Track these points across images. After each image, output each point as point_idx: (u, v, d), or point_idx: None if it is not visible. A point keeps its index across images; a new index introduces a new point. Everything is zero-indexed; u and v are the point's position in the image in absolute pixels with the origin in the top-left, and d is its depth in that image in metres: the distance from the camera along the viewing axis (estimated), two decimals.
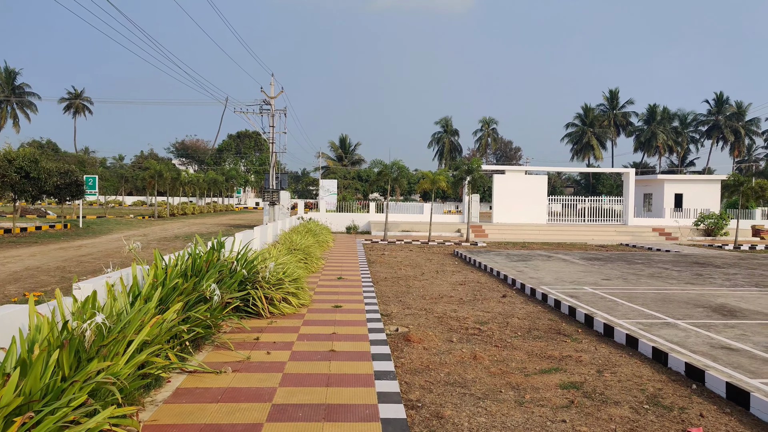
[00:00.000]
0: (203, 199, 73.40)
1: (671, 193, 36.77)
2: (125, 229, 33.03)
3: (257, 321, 8.68)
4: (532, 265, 16.35)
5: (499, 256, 19.04)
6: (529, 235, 28.91)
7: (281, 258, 11.43)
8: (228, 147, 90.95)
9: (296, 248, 14.54)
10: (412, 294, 11.74)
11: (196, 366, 6.21)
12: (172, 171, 47.87)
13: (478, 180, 25.12)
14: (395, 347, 7.55)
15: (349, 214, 32.23)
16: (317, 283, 12.49)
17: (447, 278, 14.15)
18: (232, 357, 6.77)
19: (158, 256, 7.45)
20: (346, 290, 11.64)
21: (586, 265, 16.34)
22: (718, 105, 78.08)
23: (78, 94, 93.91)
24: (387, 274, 14.77)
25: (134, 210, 59.47)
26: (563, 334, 8.37)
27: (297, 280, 10.10)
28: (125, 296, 6.04)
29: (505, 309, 10.28)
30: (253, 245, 14.64)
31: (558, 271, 14.83)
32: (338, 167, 78.22)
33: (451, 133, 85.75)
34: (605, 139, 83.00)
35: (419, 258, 18.84)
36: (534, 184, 32.15)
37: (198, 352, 6.94)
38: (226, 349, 7.07)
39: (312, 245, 16.05)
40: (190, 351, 6.70)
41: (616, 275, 14.25)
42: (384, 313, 9.75)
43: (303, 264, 14.04)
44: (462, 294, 11.84)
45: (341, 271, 14.69)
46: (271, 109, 34.64)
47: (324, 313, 9.37)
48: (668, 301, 10.55)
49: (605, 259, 18.54)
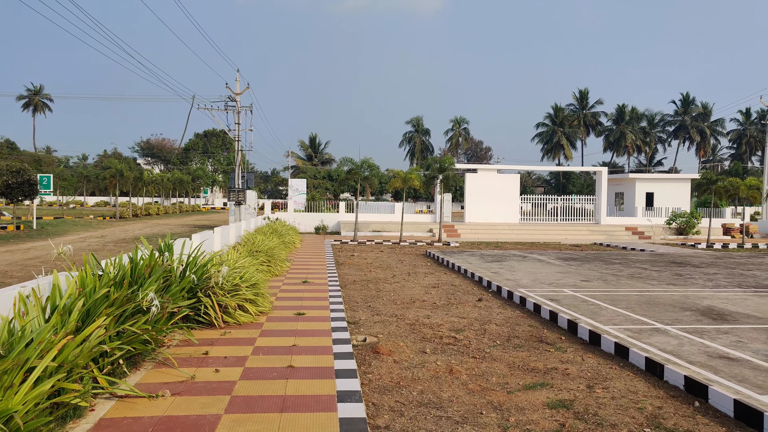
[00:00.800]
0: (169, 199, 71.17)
1: (643, 192, 36.89)
2: (83, 231, 31.33)
3: (209, 332, 7.76)
4: (508, 265, 15.76)
5: (472, 256, 18.43)
6: (502, 234, 28.48)
7: (240, 261, 10.50)
8: (195, 146, 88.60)
9: (258, 250, 13.59)
10: (383, 298, 10.95)
11: (127, 390, 5.28)
12: (134, 170, 45.98)
13: (450, 179, 24.51)
14: (362, 361, 6.74)
15: (318, 214, 31.26)
16: (280, 288, 11.58)
17: (419, 281, 13.41)
18: (174, 376, 5.85)
19: (88, 260, 6.46)
20: (311, 295, 10.77)
21: (563, 266, 15.84)
22: (685, 105, 79.75)
23: (37, 91, 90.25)
24: (356, 276, 13.94)
25: (96, 211, 57.10)
26: (546, 343, 7.70)
27: (255, 285, 9.19)
28: (39, 310, 5.08)
29: (481, 314, 9.58)
30: (212, 247, 13.63)
31: (535, 272, 14.27)
32: (308, 167, 76.95)
33: (422, 133, 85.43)
34: (575, 138, 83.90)
35: (390, 259, 18.07)
36: (506, 183, 31.79)
37: (135, 372, 5.99)
38: (169, 367, 6.15)
39: (276, 247, 15.10)
40: (125, 370, 5.77)
41: (595, 276, 13.75)
42: (351, 320, 8.93)
43: (266, 267, 13.11)
44: (435, 298, 11.11)
45: (307, 273, 13.80)
46: (236, 105, 33.39)
47: (285, 321, 8.49)
48: (653, 303, 10.02)
49: (582, 259, 18.12)
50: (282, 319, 8.67)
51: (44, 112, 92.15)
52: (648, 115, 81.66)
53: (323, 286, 11.85)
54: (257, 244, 14.44)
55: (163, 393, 5.37)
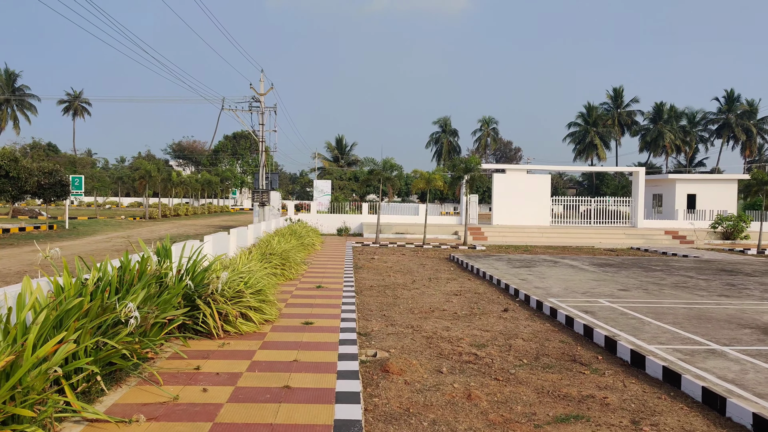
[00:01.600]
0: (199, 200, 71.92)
1: (683, 193, 35.05)
2: (111, 231, 31.53)
3: (207, 343, 7.12)
4: (537, 272, 14.77)
5: (499, 261, 17.46)
6: (531, 237, 27.32)
7: (249, 265, 9.88)
8: (224, 148, 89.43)
9: (272, 253, 12.98)
10: (399, 306, 10.17)
11: (95, 414, 4.65)
12: (163, 172, 46.33)
13: (476, 179, 23.54)
14: (369, 381, 5.98)
15: (340, 216, 30.66)
16: (292, 293, 10.92)
17: (441, 287, 12.58)
18: (156, 396, 5.21)
19: (67, 266, 5.89)
20: (323, 302, 10.07)
21: (598, 273, 14.75)
22: (729, 103, 76.27)
23: (77, 95, 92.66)
24: (374, 281, 13.20)
25: (129, 211, 57.97)
26: (580, 363, 6.80)
27: (261, 292, 8.53)
28: None
29: (507, 327, 8.70)
30: (227, 249, 13.10)
31: (567, 280, 13.25)
32: (334, 168, 76.67)
33: (449, 133, 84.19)
34: (609, 138, 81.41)
35: (412, 263, 17.26)
36: (536, 184, 30.56)
37: (116, 389, 5.37)
38: (154, 383, 5.51)
39: (292, 249, 14.49)
40: (102, 388, 5.15)
41: (634, 285, 12.65)
42: (363, 331, 8.18)
43: (280, 270, 12.50)
44: (457, 307, 10.27)
45: (323, 278, 13.12)
46: (260, 106, 33.13)
47: (290, 332, 7.80)
48: (705, 318, 8.96)
49: (618, 265, 16.94)
50: (287, 329, 7.98)
51: (83, 116, 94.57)
52: (688, 113, 78.48)
53: (338, 292, 11.14)
54: (272, 246, 13.85)
55: (137, 418, 4.72)
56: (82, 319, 4.91)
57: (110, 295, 5.60)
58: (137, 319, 5.17)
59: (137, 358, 5.46)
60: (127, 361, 5.37)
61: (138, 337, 5.71)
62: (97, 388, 5.07)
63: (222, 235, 13.44)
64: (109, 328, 5.33)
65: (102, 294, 5.35)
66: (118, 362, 5.22)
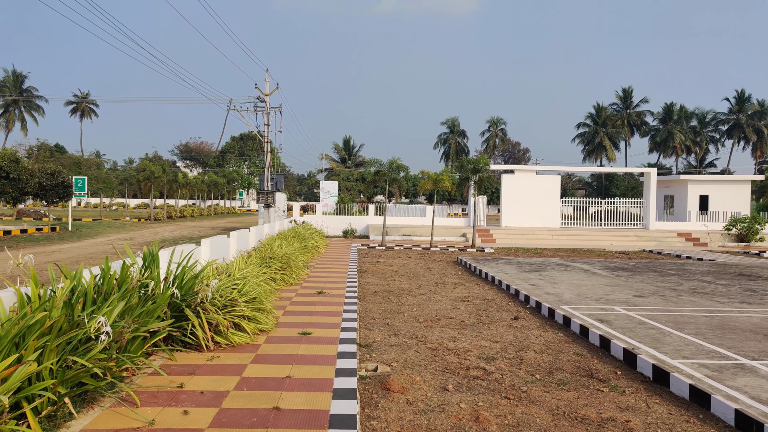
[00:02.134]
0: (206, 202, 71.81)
1: (696, 194, 34.29)
2: (114, 233, 31.26)
3: (195, 356, 6.64)
4: (548, 276, 14.19)
5: (508, 264, 16.89)
6: (540, 240, 26.71)
7: (245, 270, 9.42)
8: (231, 149, 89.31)
9: (273, 257, 12.51)
10: (404, 314, 9.65)
11: None
12: (168, 173, 46.09)
13: (485, 180, 22.97)
14: (368, 401, 5.47)
15: (346, 217, 30.19)
16: (291, 300, 10.43)
17: (447, 293, 12.04)
18: (130, 420, 4.72)
19: (36, 275, 5.43)
20: (323, 309, 9.57)
21: (611, 277, 14.15)
22: (740, 103, 75.17)
23: (84, 96, 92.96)
24: (378, 286, 12.69)
25: (135, 213, 57.85)
26: (598, 378, 6.25)
27: (256, 300, 8.05)
28: None
29: (517, 337, 8.16)
30: (227, 254, 12.65)
31: (579, 285, 12.67)
32: (342, 169, 76.31)
33: (457, 134, 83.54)
34: (618, 139, 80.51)
35: (418, 267, 16.73)
36: (546, 185, 29.93)
37: (87, 411, 4.89)
38: (130, 405, 5.03)
39: (294, 252, 14.02)
40: (71, 411, 4.67)
41: (649, 290, 12.05)
42: (363, 343, 7.67)
43: (280, 275, 12.03)
44: (464, 315, 9.73)
45: (325, 283, 12.63)
46: (265, 106, 32.74)
47: (285, 343, 7.30)
48: (728, 328, 8.36)
49: (631, 269, 16.32)
50: (283, 340, 7.48)
51: (90, 117, 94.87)
52: (699, 113, 77.44)
53: (339, 298, 10.64)
54: (273, 250, 13.38)
55: None
56: (46, 336, 4.44)
57: (84, 306, 5.13)
58: (109, 335, 4.69)
59: (112, 376, 4.97)
60: (100, 380, 4.89)
61: (115, 353, 5.24)
62: (65, 411, 4.60)
63: (221, 239, 12.99)
64: (81, 344, 4.86)
65: (73, 307, 4.88)
66: (89, 382, 4.74)
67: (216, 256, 11.45)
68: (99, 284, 5.77)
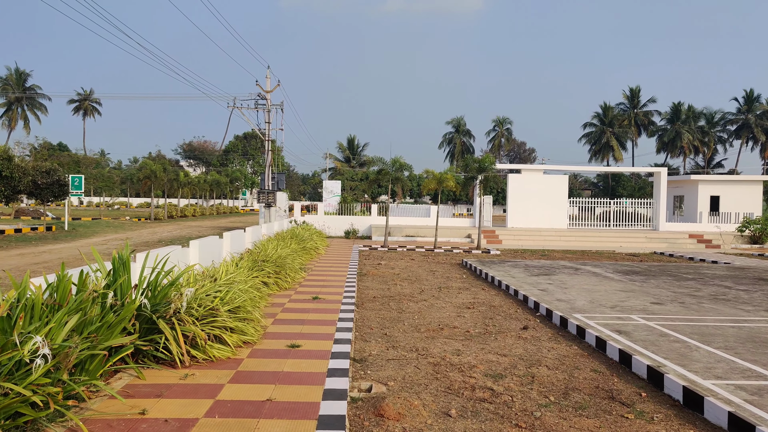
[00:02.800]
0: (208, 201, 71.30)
1: (706, 195, 33.43)
2: (111, 233, 30.70)
3: (167, 374, 5.95)
4: (558, 280, 13.43)
5: (515, 267, 16.13)
6: (548, 241, 25.93)
7: (233, 274, 8.74)
8: (235, 148, 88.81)
9: (266, 259, 11.81)
10: (404, 323, 8.93)
11: None
12: (169, 171, 45.50)
13: (491, 180, 22.21)
14: (358, 430, 4.76)
15: (348, 217, 29.49)
16: (284, 306, 9.74)
17: (452, 298, 11.31)
18: None
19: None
20: (317, 317, 8.87)
21: (625, 282, 13.37)
22: (748, 103, 74.09)
23: (87, 95, 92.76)
24: (378, 291, 11.97)
25: (136, 212, 57.38)
26: (620, 402, 5.51)
27: (241, 308, 7.36)
28: None
29: (528, 350, 7.43)
30: (219, 256, 11.98)
31: (591, 290, 11.91)
32: (346, 169, 75.63)
33: (463, 134, 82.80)
34: (625, 139, 79.62)
35: (421, 269, 16.00)
36: (553, 185, 29.14)
37: None
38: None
39: (290, 255, 13.33)
40: None
41: (667, 297, 11.28)
42: (358, 356, 6.96)
43: (274, 279, 11.34)
44: (469, 323, 9.01)
45: (321, 287, 11.93)
46: (266, 103, 32.10)
47: (270, 358, 6.60)
48: (761, 342, 7.59)
49: (645, 272, 15.53)
50: (268, 353, 6.78)
51: (93, 115, 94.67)
52: (707, 113, 76.43)
53: (335, 305, 9.94)
54: (267, 252, 12.69)
55: None
56: None
57: (26, 323, 4.44)
58: (46, 358, 3.99)
59: (57, 404, 4.27)
60: (41, 410, 4.18)
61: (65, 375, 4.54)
62: None
63: (211, 240, 12.31)
64: (21, 367, 4.16)
65: (12, 323, 4.19)
66: (27, 412, 4.04)
67: (206, 259, 10.77)
68: (52, 294, 5.08)
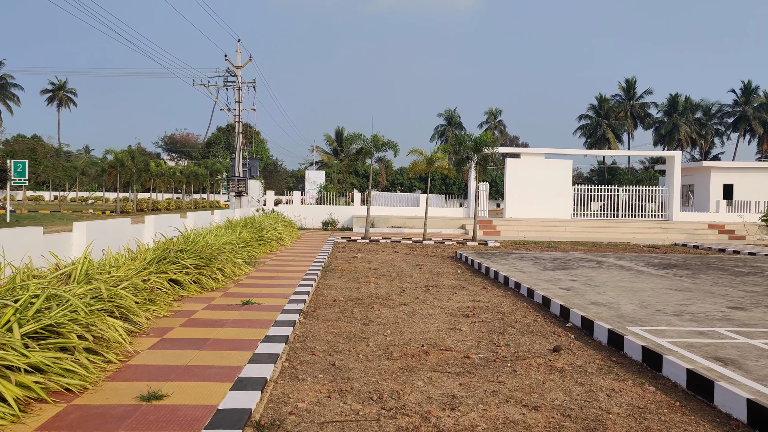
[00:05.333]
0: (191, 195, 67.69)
1: (719, 183, 30.70)
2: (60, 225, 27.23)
3: None
4: (582, 276, 10.32)
5: (522, 260, 13.01)
6: (551, 232, 22.88)
7: (115, 271, 5.57)
8: (217, 140, 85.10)
9: (186, 249, 8.58)
10: (369, 342, 5.76)
11: None
12: (138, 161, 41.86)
13: (489, 160, 19.04)
14: None
15: (326, 207, 26.23)
16: (191, 317, 6.54)
17: (442, 301, 8.17)
18: None
19: None
20: (231, 334, 5.69)
21: (669, 278, 10.28)
22: (746, 95, 71.98)
23: (61, 85, 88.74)
24: (342, 292, 8.80)
25: (105, 206, 53.71)
26: None
27: (65, 328, 4.18)
28: None
29: (572, 395, 4.29)
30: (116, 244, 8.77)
31: (633, 289, 8.81)
32: (333, 161, 72.36)
33: (455, 126, 79.69)
34: (621, 131, 77.13)
35: (405, 263, 12.83)
36: (556, 171, 26.05)
37: None
38: None
39: (228, 245, 10.14)
40: None
41: (742, 298, 8.18)
42: (269, 419, 3.78)
43: (195, 275, 8.13)
44: (470, 341, 5.86)
45: (265, 287, 8.74)
46: (237, 80, 28.77)
47: (90, 429, 3.40)
48: None
49: (684, 265, 12.45)
50: (90, 418, 3.58)
51: (69, 106, 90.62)
52: (704, 105, 74.22)
53: (272, 313, 6.76)
54: (196, 241, 9.46)
55: None
56: None
57: None
58: None
59: None
60: None
61: None
62: None
63: (115, 224, 9.11)
64: None
65: None
66: None
67: (98, 248, 7.60)
68: None
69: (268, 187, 40.89)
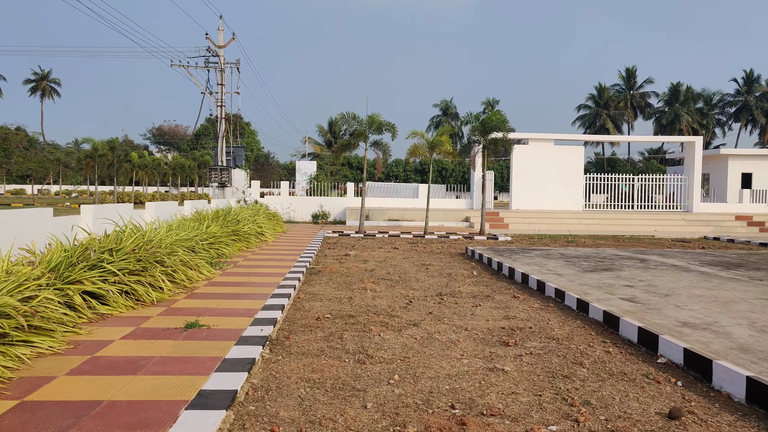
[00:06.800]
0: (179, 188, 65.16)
1: (737, 172, 28.81)
2: None
3: None
4: (636, 280, 8.17)
5: (548, 258, 10.84)
6: (564, 224, 20.77)
7: None
8: (207, 132, 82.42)
9: (119, 249, 6.37)
10: (366, 397, 3.56)
11: None
12: (118, 150, 39.39)
13: (499, 143, 16.84)
14: None
15: (317, 198, 23.99)
16: (95, 353, 4.34)
17: (465, 317, 6.00)
18: None
19: None
20: (138, 394, 3.50)
21: (746, 281, 8.14)
22: (748, 84, 70.29)
23: (45, 75, 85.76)
24: (329, 304, 6.61)
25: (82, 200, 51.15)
26: None
27: None
28: None
29: None
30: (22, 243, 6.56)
31: (717, 299, 6.68)
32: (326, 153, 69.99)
33: (451, 117, 77.47)
34: (621, 121, 75.28)
35: (407, 262, 10.63)
36: (566, 158, 23.92)
37: None
38: None
39: (183, 241, 7.93)
40: None
41: None
42: None
43: (129, 287, 5.93)
44: (523, 396, 3.68)
45: (226, 299, 6.54)
46: (219, 61, 26.39)
47: None
48: None
49: (752, 265, 10.32)
50: None
51: (52, 97, 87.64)
52: (705, 95, 72.50)
53: (222, 343, 4.58)
54: (145, 238, 7.24)
55: None
56: None
57: None
58: None
59: None
60: None
61: None
62: None
63: (30, 216, 6.88)
64: None
65: None
66: None
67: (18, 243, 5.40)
68: None
69: (261, 179, 38.55)
